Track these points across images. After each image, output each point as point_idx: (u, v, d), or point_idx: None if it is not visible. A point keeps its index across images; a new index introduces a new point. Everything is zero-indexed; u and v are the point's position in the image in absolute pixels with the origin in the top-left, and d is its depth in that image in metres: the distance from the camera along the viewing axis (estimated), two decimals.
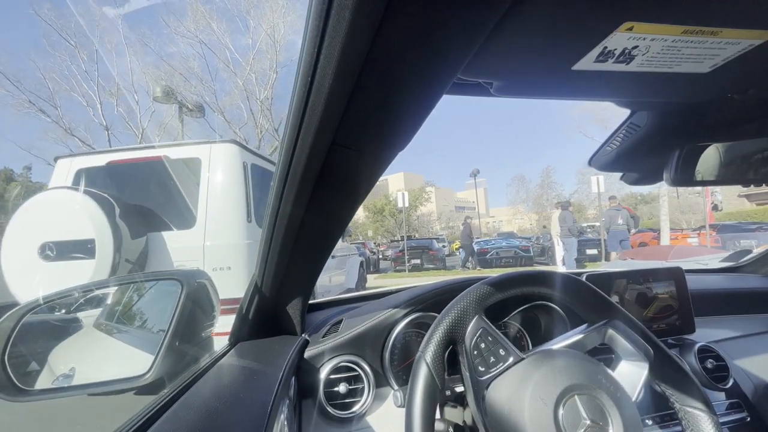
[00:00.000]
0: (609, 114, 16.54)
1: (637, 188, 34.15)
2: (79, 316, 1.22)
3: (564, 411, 0.44)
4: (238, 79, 14.27)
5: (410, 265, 12.03)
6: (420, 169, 56.97)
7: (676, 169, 0.54)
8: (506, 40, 0.30)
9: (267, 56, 14.49)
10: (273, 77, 14.62)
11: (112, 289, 1.24)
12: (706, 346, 0.83)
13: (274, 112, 14.96)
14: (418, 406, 0.48)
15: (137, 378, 0.70)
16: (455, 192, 65.05)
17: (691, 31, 0.31)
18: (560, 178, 66.17)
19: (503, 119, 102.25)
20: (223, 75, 14.75)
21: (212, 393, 0.52)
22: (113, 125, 14.32)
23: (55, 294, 0.80)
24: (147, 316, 1.13)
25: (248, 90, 14.38)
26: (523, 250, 11.56)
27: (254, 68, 14.35)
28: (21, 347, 0.75)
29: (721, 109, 0.47)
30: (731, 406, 0.83)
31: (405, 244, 12.52)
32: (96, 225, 2.14)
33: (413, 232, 26.37)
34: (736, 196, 22.05)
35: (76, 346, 1.20)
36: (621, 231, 7.73)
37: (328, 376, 0.74)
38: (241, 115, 14.86)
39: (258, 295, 0.74)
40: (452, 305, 0.56)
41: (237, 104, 14.82)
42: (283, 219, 0.54)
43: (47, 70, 13.59)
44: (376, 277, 11.02)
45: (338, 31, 0.25)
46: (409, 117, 0.36)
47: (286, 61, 14.96)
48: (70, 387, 0.79)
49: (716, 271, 1.35)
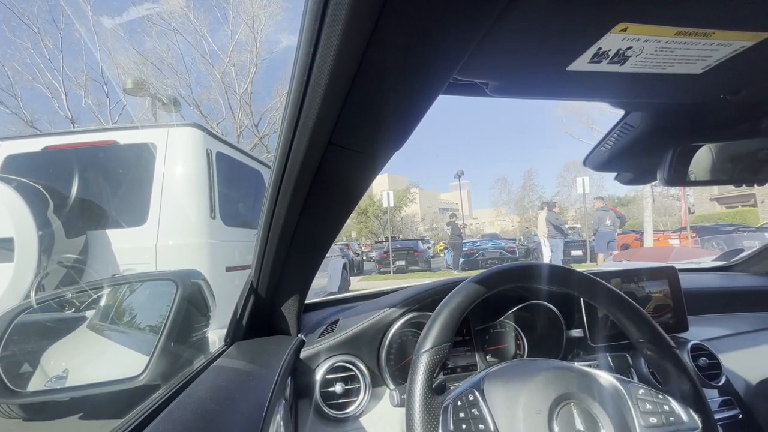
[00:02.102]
0: (595, 114, 16.64)
1: (615, 191, 34.62)
2: (72, 316, 1.20)
3: (558, 421, 0.45)
4: (215, 72, 13.25)
5: (395, 266, 11.76)
6: (404, 170, 57.44)
7: (669, 169, 0.54)
8: (502, 41, 0.30)
9: (247, 48, 13.65)
10: (253, 71, 13.68)
11: (106, 290, 1.23)
12: (699, 344, 0.84)
13: (253, 107, 14.15)
14: (418, 398, 0.48)
15: (132, 379, 0.70)
16: (439, 194, 65.98)
17: (684, 32, 0.31)
18: (541, 180, 67.15)
19: (488, 120, 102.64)
20: (200, 68, 13.80)
21: (208, 393, 0.52)
22: (82, 118, 13.23)
23: (48, 295, 0.80)
24: (142, 316, 1.12)
25: (227, 84, 13.45)
26: (508, 251, 11.50)
27: (233, 61, 13.45)
28: (13, 349, 0.74)
29: (714, 110, 0.48)
30: (724, 404, 0.84)
31: (390, 245, 12.25)
32: (16, 221, 1.78)
33: (397, 234, 26.08)
34: (707, 200, 22.97)
35: (70, 348, 1.19)
36: (609, 232, 7.70)
37: (325, 376, 0.74)
38: (219, 110, 13.97)
39: (254, 295, 0.73)
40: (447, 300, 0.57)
41: (215, 99, 13.94)
42: (279, 219, 0.54)
43: (7, 58, 12.37)
44: (360, 279, 10.75)
45: (334, 31, 0.25)
46: (406, 117, 0.36)
47: (266, 54, 14.24)
48: (63, 389, 0.78)
49: (709, 270, 1.36)
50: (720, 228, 11.55)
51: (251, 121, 14.02)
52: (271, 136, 13.97)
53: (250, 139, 13.77)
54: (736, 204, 21.30)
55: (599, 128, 14.37)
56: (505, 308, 0.85)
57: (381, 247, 14.44)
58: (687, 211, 10.56)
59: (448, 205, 61.43)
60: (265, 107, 14.36)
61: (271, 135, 14.01)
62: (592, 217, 8.39)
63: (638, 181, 0.66)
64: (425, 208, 49.56)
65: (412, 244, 13.11)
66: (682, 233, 10.68)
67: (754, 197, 20.01)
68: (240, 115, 13.60)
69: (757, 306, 1.06)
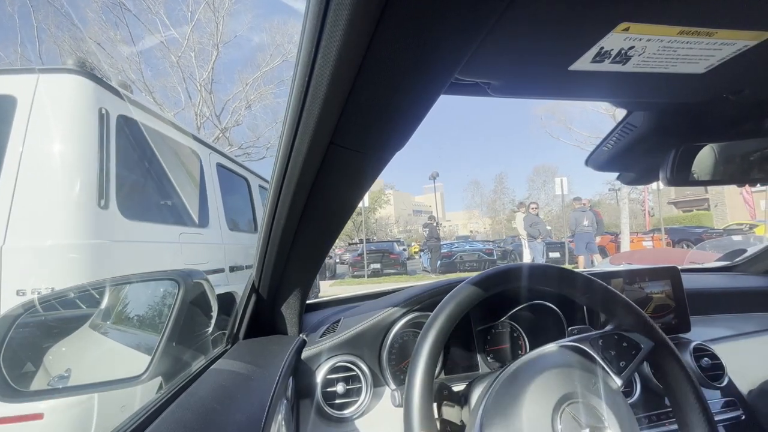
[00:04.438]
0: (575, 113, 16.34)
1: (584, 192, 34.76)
2: (74, 316, 1.20)
3: (562, 420, 0.45)
4: (171, 55, 11.52)
5: (370, 270, 10.99)
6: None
7: (671, 169, 0.54)
8: (504, 41, 0.30)
9: (208, 30, 12.00)
10: (214, 55, 12.08)
11: (109, 289, 1.23)
12: (701, 345, 0.84)
13: (215, 95, 12.52)
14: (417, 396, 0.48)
15: (134, 379, 0.70)
16: (413, 196, 66.05)
17: (686, 31, 0.31)
18: (512, 183, 67.39)
19: (461, 123, 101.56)
20: (156, 52, 12.01)
21: (209, 393, 0.52)
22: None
23: (50, 294, 0.80)
24: (144, 316, 1.12)
25: (184, 68, 11.79)
26: (486, 253, 11.30)
27: (192, 44, 11.75)
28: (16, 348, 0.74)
29: (717, 110, 0.48)
30: (726, 405, 0.83)
31: (364, 247, 11.42)
32: None
33: (371, 236, 24.72)
34: (665, 203, 24.06)
35: (72, 347, 1.19)
36: (587, 233, 7.40)
37: (326, 376, 0.74)
38: (177, 98, 12.22)
39: (255, 295, 0.73)
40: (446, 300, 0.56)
41: (172, 85, 12.26)
42: (281, 219, 0.54)
43: None
44: (332, 284, 10.02)
45: (336, 31, 0.25)
46: (407, 117, 0.36)
47: (229, 37, 12.55)
48: (65, 388, 0.79)
49: (711, 270, 1.36)
50: (688, 230, 11.90)
51: (212, 111, 12.42)
52: (235, 130, 12.84)
53: (211, 131, 12.40)
54: (692, 208, 22.73)
55: (577, 128, 14.35)
56: (506, 308, 0.85)
57: (355, 249, 13.74)
58: (649, 213, 10.70)
59: (422, 207, 61.72)
60: (228, 96, 12.96)
61: (234, 128, 12.81)
62: (569, 218, 8.14)
63: (640, 181, 0.66)
64: (399, 210, 49.64)
65: (388, 246, 12.27)
66: (655, 235, 10.86)
67: (707, 201, 21.44)
68: (200, 104, 12.05)
69: (760, 306, 1.06)
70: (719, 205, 19.56)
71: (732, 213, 17.78)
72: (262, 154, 13.37)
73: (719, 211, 19.41)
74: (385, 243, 14.15)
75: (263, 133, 13.68)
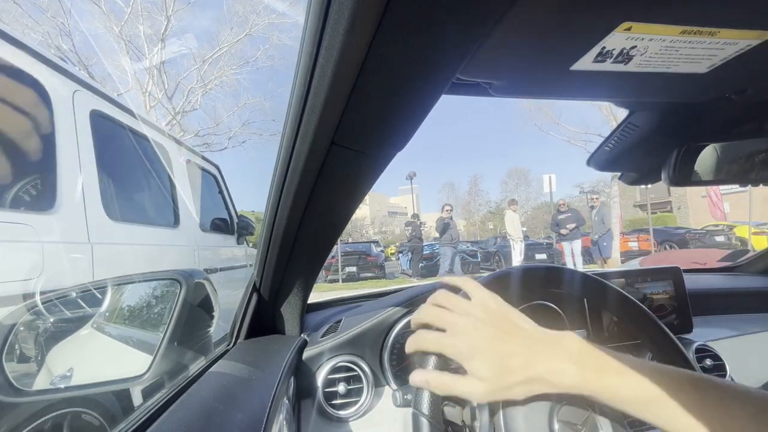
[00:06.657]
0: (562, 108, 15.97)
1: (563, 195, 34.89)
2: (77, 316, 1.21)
3: (558, 422, 0.45)
4: (113, 25, 9.40)
5: (344, 274, 10.03)
6: None
7: (674, 169, 0.54)
8: (505, 40, 0.30)
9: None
10: (164, 25, 9.78)
11: (110, 289, 1.24)
12: (703, 345, 0.84)
13: (166, 74, 10.37)
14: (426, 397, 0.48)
15: (135, 378, 0.70)
16: (388, 197, 65.48)
17: (689, 31, 0.31)
18: (486, 185, 67.23)
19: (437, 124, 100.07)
20: (95, 21, 9.53)
21: (211, 393, 0.52)
22: None
23: (52, 294, 0.80)
24: (145, 315, 1.13)
25: (128, 39, 9.66)
26: (470, 254, 10.98)
27: (137, 12, 9.54)
28: (18, 347, 0.74)
29: (719, 110, 0.48)
30: None
31: (339, 248, 10.18)
32: None
33: (346, 237, 23.33)
34: (631, 206, 25.34)
35: (74, 346, 1.20)
36: (572, 234, 7.40)
37: (327, 376, 0.74)
38: (122, 76, 10.03)
39: (256, 295, 0.74)
40: None
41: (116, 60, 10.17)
42: (282, 219, 0.54)
43: None
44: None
45: (337, 31, 0.25)
46: (409, 117, 0.36)
47: (181, 4, 10.06)
48: (67, 387, 0.79)
49: (714, 270, 1.35)
50: (671, 230, 11.95)
51: (164, 94, 10.38)
52: (191, 115, 11.07)
53: (163, 116, 10.48)
54: (656, 210, 23.13)
55: (564, 123, 14.17)
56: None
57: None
58: (620, 215, 10.78)
59: (398, 208, 61.29)
60: (182, 75, 10.95)
61: (190, 113, 10.97)
62: (552, 219, 8.09)
63: (642, 181, 0.66)
64: (374, 212, 49.35)
65: (365, 248, 11.16)
66: (641, 235, 10.92)
67: (670, 204, 22.49)
68: (149, 83, 9.98)
69: (763, 307, 1.05)
70: (682, 207, 20.34)
71: (694, 215, 18.54)
72: (223, 143, 11.75)
73: (682, 213, 20.20)
74: (361, 244, 12.88)
75: (222, 119, 11.98)
